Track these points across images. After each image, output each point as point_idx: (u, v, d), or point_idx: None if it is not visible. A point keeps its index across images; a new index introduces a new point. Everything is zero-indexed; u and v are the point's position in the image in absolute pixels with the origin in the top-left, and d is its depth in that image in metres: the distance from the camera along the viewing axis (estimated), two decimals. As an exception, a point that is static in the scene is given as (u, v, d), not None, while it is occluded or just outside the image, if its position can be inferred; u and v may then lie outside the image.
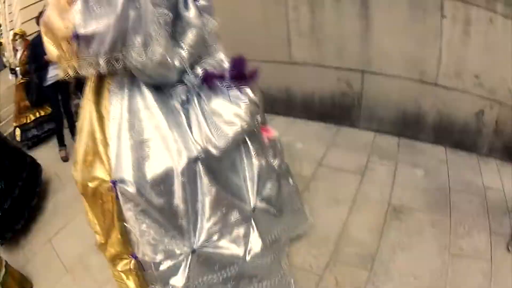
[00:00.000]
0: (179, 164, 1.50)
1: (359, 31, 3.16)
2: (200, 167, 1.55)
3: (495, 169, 2.89)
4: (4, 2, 9.80)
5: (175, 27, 1.59)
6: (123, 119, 1.53)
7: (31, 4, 7.33)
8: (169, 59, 1.49)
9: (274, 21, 3.53)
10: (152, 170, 1.49)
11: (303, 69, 3.55)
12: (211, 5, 1.65)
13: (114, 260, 1.74)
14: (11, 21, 9.22)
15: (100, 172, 1.54)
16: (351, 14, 3.15)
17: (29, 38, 5.50)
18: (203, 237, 1.60)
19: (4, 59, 6.03)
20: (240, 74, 1.65)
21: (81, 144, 1.63)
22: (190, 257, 1.57)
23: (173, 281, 1.59)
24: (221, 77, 1.64)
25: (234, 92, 1.62)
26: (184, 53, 1.59)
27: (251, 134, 1.74)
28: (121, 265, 1.72)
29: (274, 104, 3.82)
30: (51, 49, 1.47)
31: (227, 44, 3.76)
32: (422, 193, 2.67)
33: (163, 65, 1.47)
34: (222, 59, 1.80)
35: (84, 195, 1.67)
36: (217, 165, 1.62)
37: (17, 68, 5.26)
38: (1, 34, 7.09)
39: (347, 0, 3.13)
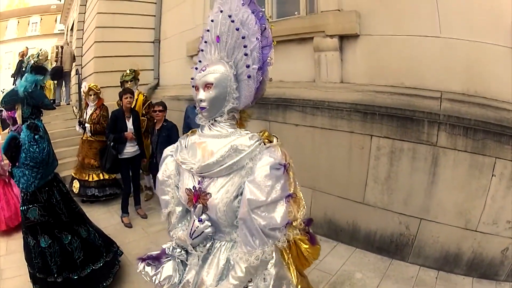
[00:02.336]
0: None
1: (425, 184, 3.57)
2: None
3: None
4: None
5: None
6: None
7: (105, 56, 7.80)
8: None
9: (356, 165, 4.00)
10: None
11: (372, 210, 3.94)
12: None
13: None
14: (81, 65, 9.78)
15: None
16: (422, 169, 3.57)
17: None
18: None
19: (75, 110, 6.14)
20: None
21: None
22: None
23: None
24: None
25: None
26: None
27: None
28: None
29: (340, 233, 4.24)
30: None
31: (311, 175, 4.21)
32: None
33: None
34: None
35: None
36: None
37: (87, 125, 5.46)
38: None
39: (421, 157, 3.56)
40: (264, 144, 1.54)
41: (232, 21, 1.51)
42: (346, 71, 4.16)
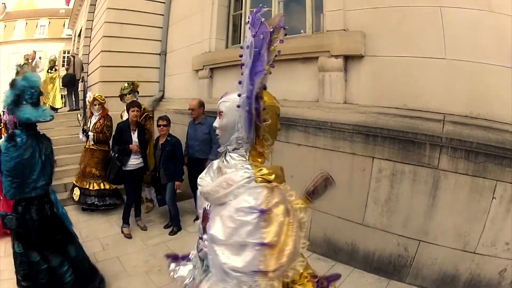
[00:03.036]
0: None
1: (425, 207, 3.58)
2: None
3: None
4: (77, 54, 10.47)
5: None
6: None
7: (111, 66, 7.84)
8: None
9: (357, 187, 4.00)
10: None
11: (371, 231, 3.94)
12: None
13: None
14: (87, 73, 9.85)
15: None
16: (422, 192, 3.58)
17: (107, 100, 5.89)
18: None
19: (79, 118, 6.16)
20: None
21: None
22: None
23: None
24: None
25: None
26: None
27: None
28: None
29: (339, 253, 4.24)
30: None
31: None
32: None
33: None
34: None
35: None
36: None
37: (90, 133, 5.54)
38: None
39: (422, 180, 3.57)
40: (256, 182, 1.49)
41: (242, 47, 1.48)
42: (350, 92, 4.20)
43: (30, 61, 9.91)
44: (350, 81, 4.19)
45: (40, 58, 10.66)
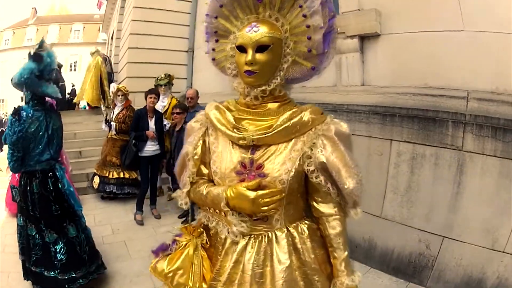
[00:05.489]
0: None
1: (449, 197, 3.31)
2: None
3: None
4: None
5: None
6: None
7: (138, 62, 8.09)
8: None
9: (375, 174, 3.81)
10: None
11: (390, 225, 3.74)
12: None
13: None
14: (117, 72, 10.19)
15: None
16: (446, 178, 3.33)
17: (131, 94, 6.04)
18: None
19: (102, 108, 6.38)
20: None
21: None
22: None
23: None
24: None
25: None
26: None
27: None
28: None
29: (355, 250, 3.98)
30: None
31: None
32: None
33: None
34: None
35: None
36: None
37: (113, 123, 5.73)
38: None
39: (445, 163, 3.32)
40: None
41: None
42: (368, 74, 4.08)
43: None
44: (367, 62, 4.08)
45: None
